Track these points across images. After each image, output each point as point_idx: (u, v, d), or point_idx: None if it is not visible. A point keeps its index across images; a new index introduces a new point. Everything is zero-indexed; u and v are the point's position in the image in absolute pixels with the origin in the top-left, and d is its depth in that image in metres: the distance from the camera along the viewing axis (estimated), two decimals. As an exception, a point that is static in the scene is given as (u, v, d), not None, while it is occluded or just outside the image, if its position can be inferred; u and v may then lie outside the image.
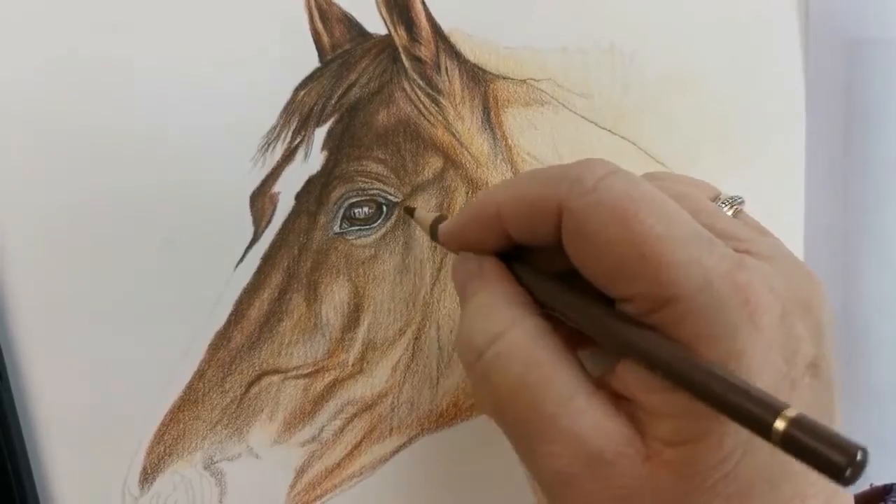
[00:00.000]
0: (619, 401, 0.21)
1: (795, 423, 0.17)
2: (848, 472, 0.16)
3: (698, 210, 0.22)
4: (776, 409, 0.17)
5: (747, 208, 0.26)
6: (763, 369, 0.19)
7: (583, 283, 0.22)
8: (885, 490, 0.29)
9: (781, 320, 0.20)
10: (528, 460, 0.22)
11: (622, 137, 0.36)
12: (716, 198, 0.25)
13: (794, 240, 0.40)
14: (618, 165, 0.22)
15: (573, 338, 0.24)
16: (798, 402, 0.20)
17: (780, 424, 0.17)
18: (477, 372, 0.22)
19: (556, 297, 0.23)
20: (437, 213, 0.28)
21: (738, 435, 0.19)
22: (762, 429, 0.17)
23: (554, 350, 0.22)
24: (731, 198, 0.25)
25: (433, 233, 0.28)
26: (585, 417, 0.21)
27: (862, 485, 0.30)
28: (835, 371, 0.22)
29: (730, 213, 0.25)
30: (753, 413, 0.18)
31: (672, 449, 0.20)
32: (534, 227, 0.23)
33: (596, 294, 0.22)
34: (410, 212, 0.31)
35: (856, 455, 0.16)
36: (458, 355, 0.30)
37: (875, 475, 0.41)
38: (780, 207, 0.39)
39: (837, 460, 0.16)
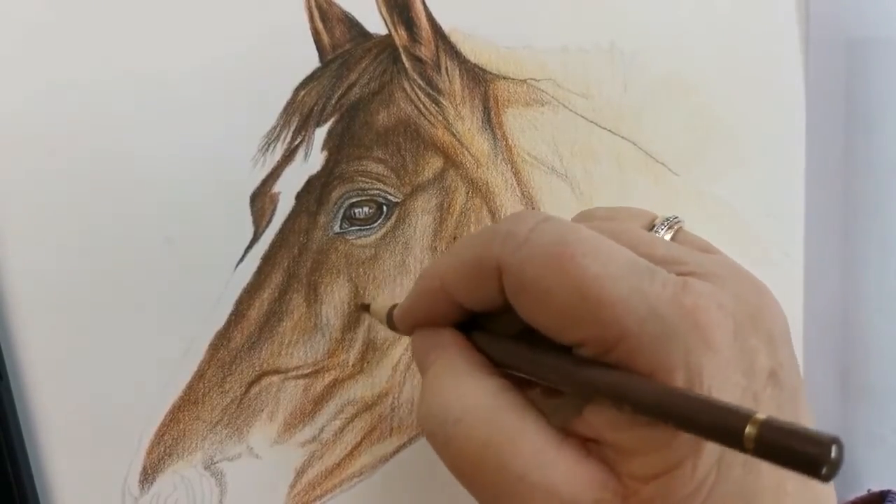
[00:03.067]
0: (588, 446, 0.21)
1: (765, 426, 0.17)
2: (825, 468, 0.16)
3: (636, 242, 0.22)
4: (745, 417, 0.17)
5: (747, 208, 0.26)
6: (724, 388, 0.19)
7: (540, 339, 0.22)
8: (881, 496, 0.29)
9: (734, 336, 0.20)
10: None
11: (622, 137, 0.36)
12: (652, 223, 0.25)
13: (794, 240, 0.40)
14: (548, 214, 0.22)
15: (535, 395, 0.24)
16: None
17: (750, 431, 0.17)
18: (440, 441, 0.22)
19: (515, 355, 0.23)
20: (392, 303, 0.28)
21: (708, 459, 0.19)
22: (734, 439, 0.17)
23: (516, 408, 0.22)
24: (668, 219, 0.25)
25: (390, 321, 0.28)
26: (556, 469, 0.20)
27: (859, 489, 0.30)
28: (796, 378, 0.22)
29: (669, 235, 0.25)
30: (723, 425, 0.17)
31: (647, 485, 0.20)
32: (479, 292, 0.23)
33: (554, 347, 0.22)
34: (366, 308, 0.31)
35: (830, 448, 0.16)
36: (419, 428, 0.30)
37: (875, 476, 0.42)
38: (780, 207, 0.39)
39: (813, 455, 0.16)
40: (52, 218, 0.28)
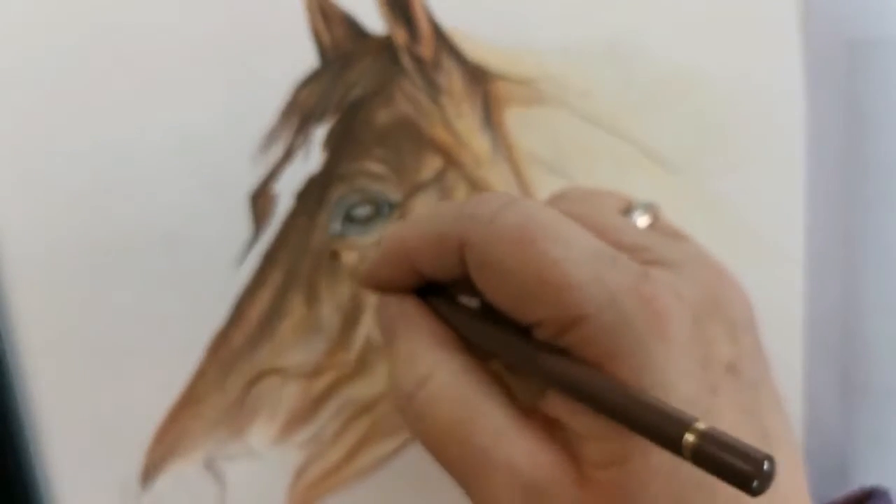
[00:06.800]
0: (553, 426, 0.21)
1: (704, 436, 0.17)
2: (756, 483, 0.16)
3: (604, 227, 0.22)
4: (686, 424, 0.17)
5: (747, 208, 0.26)
6: (680, 379, 0.20)
7: (502, 314, 0.22)
8: (867, 495, 0.29)
9: (693, 327, 0.20)
10: (471, 497, 0.22)
11: (622, 137, 0.36)
12: (628, 208, 0.25)
13: (794, 240, 0.40)
14: (515, 196, 0.22)
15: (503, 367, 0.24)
16: (721, 406, 0.20)
17: (689, 438, 0.17)
18: (410, 417, 0.23)
19: (477, 332, 0.23)
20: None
21: (664, 450, 0.19)
22: (673, 444, 0.17)
23: (480, 385, 0.22)
24: (645, 204, 0.25)
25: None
26: (517, 448, 0.21)
27: (853, 486, 0.30)
28: (759, 367, 0.22)
29: (643, 220, 0.25)
30: (663, 430, 0.18)
31: (603, 471, 0.20)
32: (441, 265, 0.23)
33: (515, 325, 0.22)
34: (336, 256, 0.31)
35: (762, 464, 0.16)
36: (392, 401, 0.30)
37: (875, 475, 0.41)
38: (780, 207, 0.39)
39: (745, 470, 0.16)
40: (51, 218, 0.28)
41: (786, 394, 0.23)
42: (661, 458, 0.19)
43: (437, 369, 0.22)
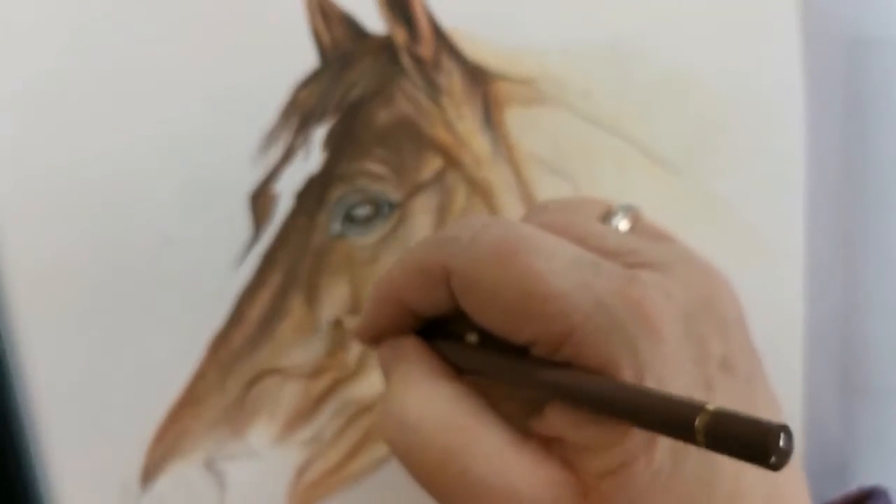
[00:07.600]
0: (550, 444, 0.21)
1: (716, 417, 0.17)
2: (774, 456, 0.16)
3: (585, 236, 0.22)
4: (694, 409, 0.17)
5: (747, 208, 0.26)
6: (675, 378, 0.20)
7: (501, 341, 0.22)
8: (867, 495, 0.29)
9: (684, 326, 0.20)
10: None
11: (622, 137, 0.36)
12: (607, 213, 0.25)
13: (794, 240, 0.40)
14: (494, 217, 0.22)
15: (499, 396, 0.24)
16: (717, 402, 0.20)
17: (700, 422, 0.17)
18: (401, 449, 0.22)
19: (473, 359, 0.23)
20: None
21: (663, 450, 0.19)
22: (685, 432, 0.17)
23: (474, 412, 0.22)
24: (625, 207, 0.25)
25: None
26: (515, 470, 0.20)
27: (853, 486, 0.30)
28: (751, 363, 0.22)
29: (625, 224, 0.25)
30: (673, 419, 0.18)
31: (605, 480, 0.20)
32: (430, 298, 0.23)
33: (512, 349, 0.22)
34: (339, 324, 0.32)
35: (779, 436, 0.16)
36: (381, 436, 0.30)
37: (875, 475, 0.41)
38: (780, 207, 0.39)
39: (761, 443, 0.16)
40: (51, 219, 0.28)
41: (786, 394, 0.23)
42: (662, 460, 0.19)
43: (427, 399, 0.22)
